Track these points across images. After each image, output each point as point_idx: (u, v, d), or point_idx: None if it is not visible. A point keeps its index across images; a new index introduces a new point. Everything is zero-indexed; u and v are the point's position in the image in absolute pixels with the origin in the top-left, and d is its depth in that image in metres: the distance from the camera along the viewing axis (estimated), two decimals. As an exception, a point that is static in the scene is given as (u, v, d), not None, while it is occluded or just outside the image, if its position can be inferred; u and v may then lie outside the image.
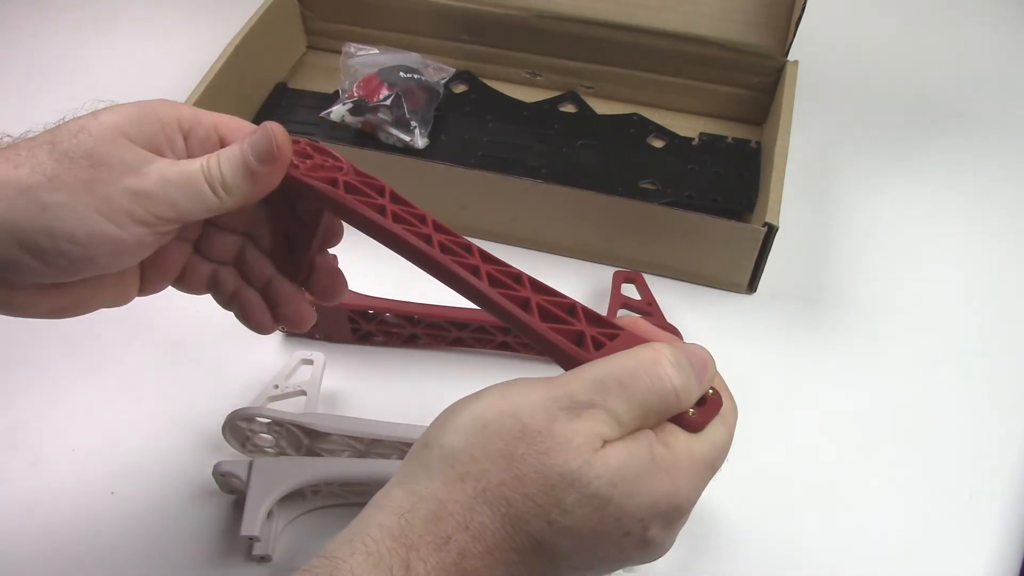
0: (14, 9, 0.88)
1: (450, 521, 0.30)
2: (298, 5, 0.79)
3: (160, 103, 0.37)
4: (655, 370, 0.32)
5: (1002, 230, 0.68)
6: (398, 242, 0.36)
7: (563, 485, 0.30)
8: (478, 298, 0.35)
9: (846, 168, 0.73)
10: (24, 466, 0.52)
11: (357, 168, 0.39)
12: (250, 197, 0.36)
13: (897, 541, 0.50)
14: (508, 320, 0.35)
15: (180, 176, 0.35)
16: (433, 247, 0.36)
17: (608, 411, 0.31)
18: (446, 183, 0.62)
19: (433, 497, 0.31)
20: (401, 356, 0.59)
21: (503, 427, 0.31)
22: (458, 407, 0.33)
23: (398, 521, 0.30)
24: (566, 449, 0.30)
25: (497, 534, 0.31)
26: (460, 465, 0.31)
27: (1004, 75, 0.82)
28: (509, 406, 0.32)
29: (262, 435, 0.50)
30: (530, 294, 0.35)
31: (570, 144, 0.71)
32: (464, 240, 0.37)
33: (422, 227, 0.37)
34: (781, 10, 0.70)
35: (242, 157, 0.35)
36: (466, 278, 0.35)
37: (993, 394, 0.57)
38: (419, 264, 0.36)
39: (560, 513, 0.30)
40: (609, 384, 0.31)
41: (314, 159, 0.38)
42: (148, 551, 0.49)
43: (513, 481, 0.30)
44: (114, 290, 0.38)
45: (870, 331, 0.61)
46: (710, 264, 0.62)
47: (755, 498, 0.50)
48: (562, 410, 0.31)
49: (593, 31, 0.73)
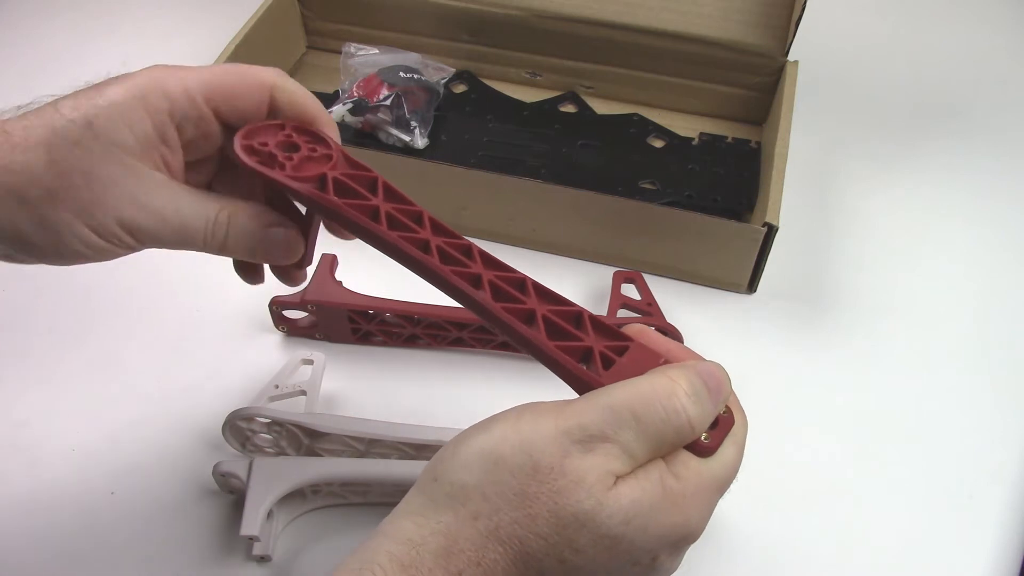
0: (14, 9, 0.88)
1: (462, 557, 0.30)
2: (298, 5, 0.79)
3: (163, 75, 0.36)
4: (670, 403, 0.31)
5: (1002, 229, 0.68)
6: (395, 251, 0.34)
7: (576, 525, 0.30)
8: (482, 313, 0.34)
9: (846, 168, 0.73)
10: (24, 466, 0.52)
11: (348, 155, 0.37)
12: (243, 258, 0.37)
13: (897, 541, 0.50)
14: (514, 338, 0.34)
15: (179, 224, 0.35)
16: (432, 255, 0.34)
17: (621, 445, 0.31)
18: (446, 183, 0.62)
19: (445, 532, 0.31)
20: (401, 356, 0.59)
21: (515, 464, 0.31)
22: (468, 438, 0.32)
23: (409, 552, 0.30)
24: (579, 488, 0.30)
25: (509, 571, 0.31)
26: (472, 504, 0.31)
27: (1004, 75, 0.82)
28: (520, 441, 0.31)
29: (262, 435, 0.50)
30: (536, 305, 0.34)
31: (570, 144, 0.71)
32: (464, 241, 0.36)
33: (419, 230, 0.35)
34: (781, 10, 0.70)
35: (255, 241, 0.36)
36: (470, 293, 0.34)
37: (993, 394, 0.57)
38: (417, 272, 0.35)
39: (572, 552, 0.30)
40: (623, 415, 0.31)
41: (301, 151, 0.36)
42: (148, 551, 0.49)
43: (526, 520, 0.30)
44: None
45: (870, 331, 0.61)
46: (710, 264, 0.62)
47: (755, 498, 0.50)
48: (574, 443, 0.31)
49: (593, 31, 0.73)
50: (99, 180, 0.33)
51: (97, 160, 0.33)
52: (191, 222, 0.35)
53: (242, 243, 0.36)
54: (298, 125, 0.38)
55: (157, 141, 0.35)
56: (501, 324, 0.34)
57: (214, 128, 0.37)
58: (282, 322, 0.59)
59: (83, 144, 0.33)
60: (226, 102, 0.37)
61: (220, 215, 0.36)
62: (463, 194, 0.63)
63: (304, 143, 0.37)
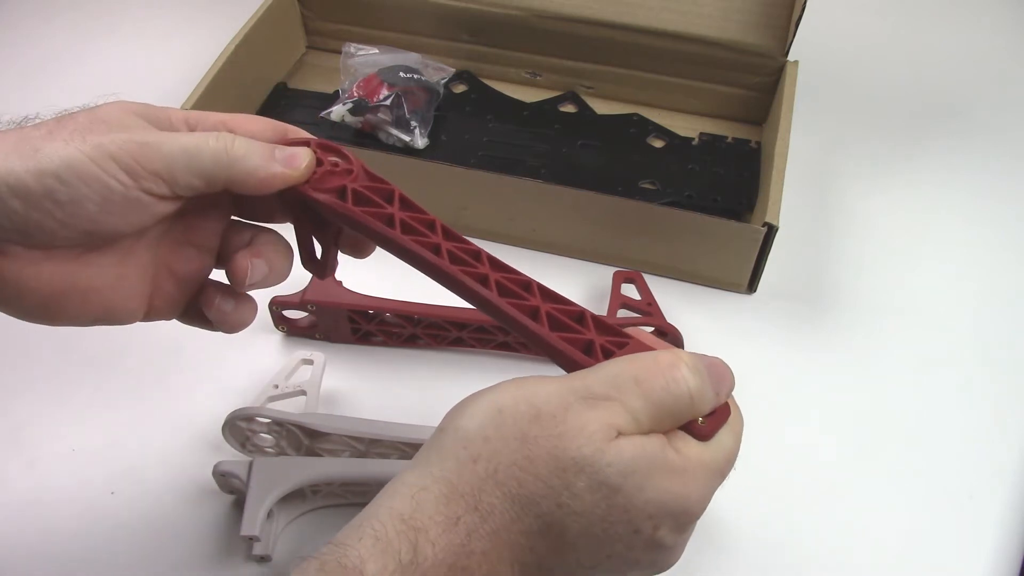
0: (14, 9, 0.88)
1: (461, 502, 0.31)
2: (298, 5, 0.79)
3: (166, 108, 0.37)
4: (672, 372, 0.32)
5: (1002, 229, 0.68)
6: (409, 255, 0.36)
7: (574, 469, 0.30)
8: (489, 309, 0.36)
9: (846, 168, 0.73)
10: (24, 466, 0.52)
11: (367, 169, 0.39)
12: (250, 183, 0.35)
13: (897, 541, 0.50)
14: (518, 330, 0.35)
15: (184, 138, 0.34)
16: (443, 257, 0.36)
17: (624, 405, 0.31)
18: (446, 183, 0.62)
19: (445, 479, 0.31)
20: (401, 356, 0.59)
21: (518, 411, 0.32)
22: (475, 395, 0.33)
23: (409, 503, 0.31)
24: (580, 435, 0.31)
25: (505, 515, 0.31)
26: (473, 446, 0.31)
27: (1004, 75, 0.82)
28: (525, 393, 0.32)
29: (262, 435, 0.50)
30: (540, 303, 0.36)
31: (570, 144, 0.71)
32: (473, 247, 0.37)
33: (431, 235, 0.37)
34: (781, 10, 0.70)
35: (265, 148, 0.35)
36: (477, 290, 0.35)
37: (993, 394, 0.57)
38: (429, 274, 0.37)
39: (570, 496, 0.31)
40: (626, 380, 0.32)
41: (324, 166, 0.38)
42: (148, 551, 0.49)
43: (525, 461, 0.31)
44: (115, 291, 0.36)
45: (870, 331, 0.61)
46: (710, 264, 0.62)
47: (754, 498, 0.50)
48: (578, 399, 0.32)
49: (593, 31, 0.73)
50: (103, 117, 0.34)
51: (102, 110, 0.34)
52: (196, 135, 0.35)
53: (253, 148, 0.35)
54: (322, 142, 0.39)
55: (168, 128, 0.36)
56: (506, 318, 0.35)
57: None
58: (282, 322, 0.59)
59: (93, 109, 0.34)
60: (238, 127, 0.38)
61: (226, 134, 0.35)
62: (463, 194, 0.63)
63: (326, 157, 0.38)
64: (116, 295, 0.36)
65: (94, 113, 0.34)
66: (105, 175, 0.32)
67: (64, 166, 0.32)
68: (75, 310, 0.35)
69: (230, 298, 0.40)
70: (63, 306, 0.35)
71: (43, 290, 0.34)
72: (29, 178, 0.31)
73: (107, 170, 0.32)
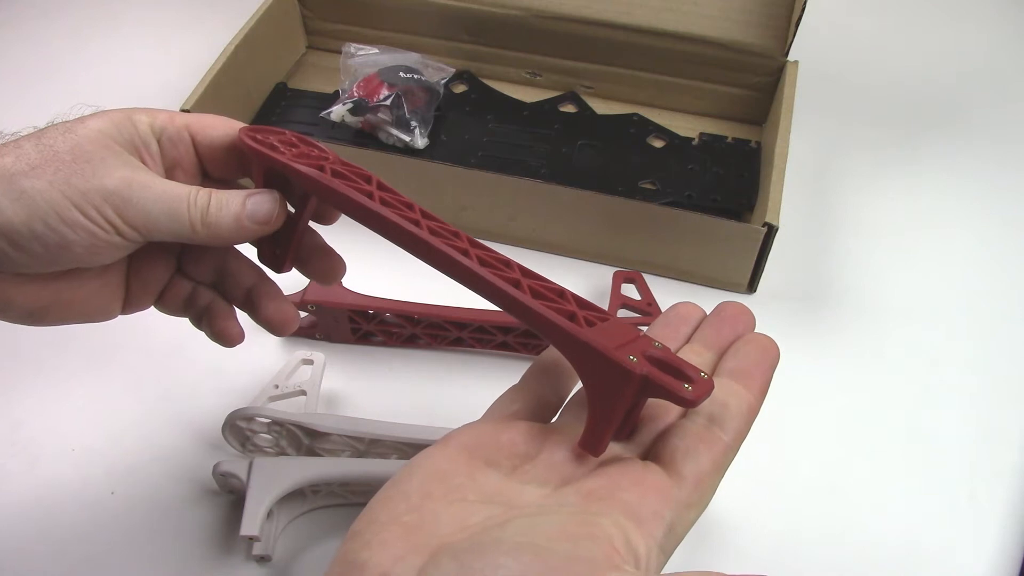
0: (14, 9, 0.88)
1: None
2: (298, 5, 0.79)
3: (137, 110, 0.38)
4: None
5: (1002, 229, 0.68)
6: (385, 224, 0.36)
7: None
8: (467, 276, 0.36)
9: (846, 168, 0.73)
10: (24, 466, 0.52)
11: (342, 159, 0.40)
12: (226, 240, 0.37)
13: (897, 541, 0.50)
14: (499, 299, 0.35)
15: (163, 191, 0.35)
16: (421, 229, 0.36)
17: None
18: (446, 183, 0.62)
19: None
20: (401, 356, 0.59)
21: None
22: None
23: None
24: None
25: None
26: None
27: (1003, 75, 0.82)
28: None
29: (262, 435, 0.50)
30: (519, 276, 0.36)
31: (570, 144, 0.71)
32: (452, 227, 0.38)
33: (409, 213, 0.37)
34: (781, 10, 0.70)
35: (239, 207, 0.36)
36: (456, 258, 0.35)
37: (993, 394, 0.57)
38: (408, 247, 0.36)
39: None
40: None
41: (299, 148, 0.39)
42: (148, 551, 0.49)
43: None
44: (96, 298, 0.38)
45: (870, 330, 0.61)
46: (710, 264, 0.62)
47: (754, 498, 0.50)
48: None
49: (593, 31, 0.73)
50: (84, 154, 0.34)
51: (82, 140, 0.34)
52: (174, 189, 0.36)
53: (226, 211, 0.37)
54: (296, 134, 0.40)
55: (140, 145, 0.37)
56: (486, 284, 0.35)
57: (190, 154, 0.39)
58: (282, 322, 0.59)
59: (71, 130, 0.35)
60: (201, 131, 0.39)
61: (203, 190, 0.37)
62: (463, 194, 0.63)
63: (302, 145, 0.39)
64: (96, 301, 0.39)
65: (76, 144, 0.34)
66: (92, 225, 0.34)
67: (51, 212, 0.33)
68: (58, 317, 0.38)
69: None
70: (47, 314, 0.37)
71: (28, 304, 0.36)
72: (17, 221, 0.33)
73: (94, 220, 0.34)
